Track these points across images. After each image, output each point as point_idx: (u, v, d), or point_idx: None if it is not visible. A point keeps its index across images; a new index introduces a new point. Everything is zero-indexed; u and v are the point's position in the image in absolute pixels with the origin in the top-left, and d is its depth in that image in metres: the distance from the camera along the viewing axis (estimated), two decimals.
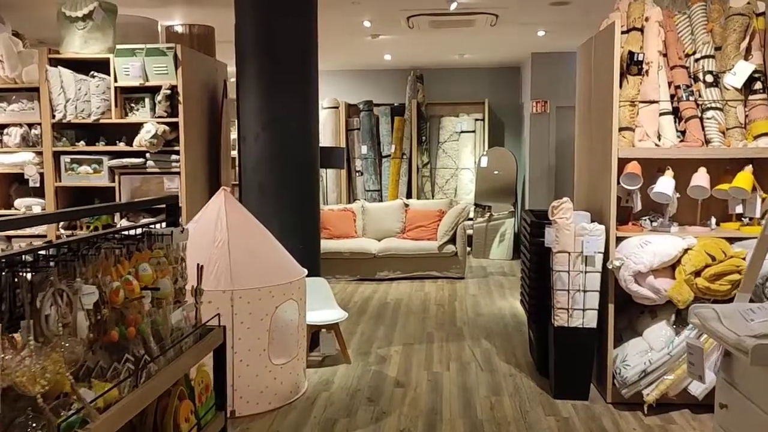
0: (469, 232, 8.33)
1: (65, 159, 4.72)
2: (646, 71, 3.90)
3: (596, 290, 3.88)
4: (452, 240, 7.61)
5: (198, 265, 2.71)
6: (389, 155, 9.31)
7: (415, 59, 8.87)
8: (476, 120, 9.30)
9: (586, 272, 3.88)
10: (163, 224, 2.75)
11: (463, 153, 9.30)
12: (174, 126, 4.64)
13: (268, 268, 3.91)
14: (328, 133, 9.35)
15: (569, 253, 3.88)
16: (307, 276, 4.45)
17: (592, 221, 3.99)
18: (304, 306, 4.21)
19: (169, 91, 4.61)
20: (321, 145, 9.59)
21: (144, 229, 2.48)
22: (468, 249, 7.99)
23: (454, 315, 6.04)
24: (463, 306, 6.38)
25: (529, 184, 8.55)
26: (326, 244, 7.63)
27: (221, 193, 4.00)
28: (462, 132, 9.27)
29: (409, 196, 9.33)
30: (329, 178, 9.41)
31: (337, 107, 9.33)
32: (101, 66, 4.70)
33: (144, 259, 2.30)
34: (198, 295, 2.61)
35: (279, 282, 3.86)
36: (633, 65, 3.87)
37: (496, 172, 8.98)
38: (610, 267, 3.79)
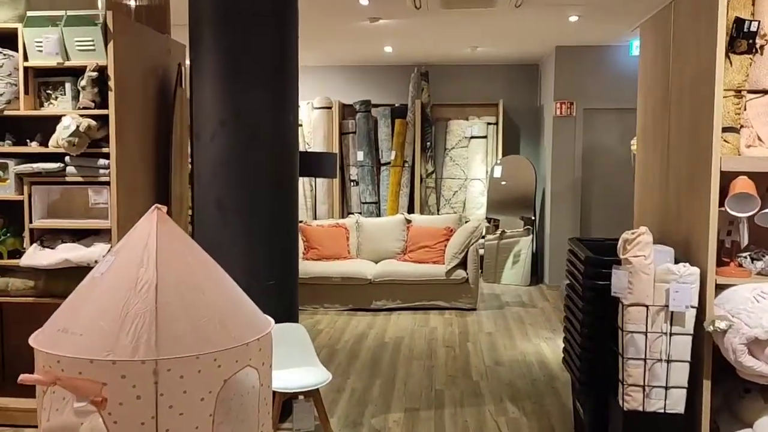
0: (481, 251, 7.13)
1: None
2: (761, 47, 2.73)
3: (686, 361, 2.71)
4: (462, 263, 6.44)
5: None
6: (389, 163, 8.14)
7: (420, 53, 7.71)
8: (489, 124, 8.14)
9: (671, 334, 2.71)
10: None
11: (474, 161, 8.13)
12: (104, 120, 3.47)
13: (214, 323, 2.71)
14: (319, 136, 8.18)
15: (648, 306, 2.70)
16: (280, 322, 3.30)
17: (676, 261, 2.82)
18: (269, 371, 3.02)
19: (95, 74, 3.44)
20: (311, 149, 8.48)
21: None
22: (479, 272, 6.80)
23: (467, 363, 4.85)
24: (478, 349, 5.19)
25: (551, 198, 7.38)
26: (313, 267, 6.46)
27: (152, 214, 2.80)
28: (472, 137, 8.11)
29: (411, 210, 8.14)
30: (319, 189, 8.23)
31: (330, 107, 8.17)
32: (6, 40, 3.53)
33: None
34: None
35: (230, 343, 2.67)
36: (741, 38, 2.70)
37: (503, 183, 7.82)
38: (710, 330, 2.61)
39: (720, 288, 2.70)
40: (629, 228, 3.01)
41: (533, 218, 7.84)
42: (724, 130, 2.68)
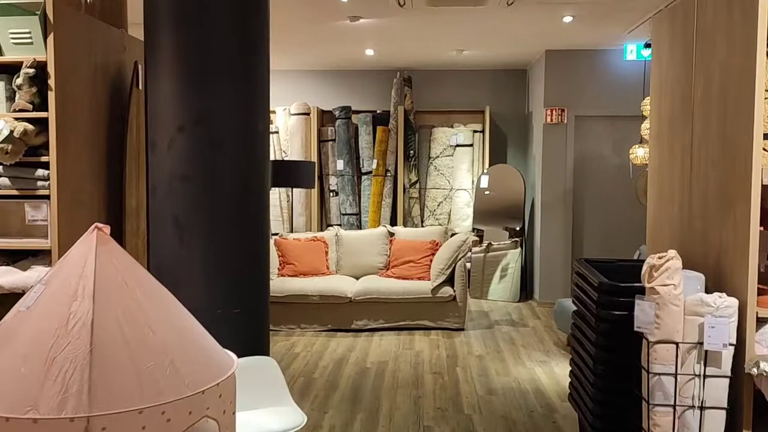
0: (467, 265, 6.73)
1: None
2: None
3: (722, 408, 2.31)
4: (449, 280, 6.02)
5: None
6: (370, 172, 7.72)
7: (403, 56, 7.31)
8: (475, 132, 7.76)
9: (705, 377, 2.31)
10: None
11: (459, 171, 7.74)
12: (44, 124, 3.01)
13: (164, 367, 2.26)
14: (296, 144, 7.73)
15: (677, 344, 2.30)
16: (248, 355, 2.87)
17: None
18: (232, 420, 2.57)
19: (32, 71, 2.97)
20: (288, 158, 8.03)
21: None
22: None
23: (457, 392, 4.42)
24: (468, 375, 4.77)
25: (541, 209, 7.00)
26: (289, 284, 6.00)
27: (91, 235, 2.35)
28: (458, 146, 7.72)
29: (393, 222, 7.73)
30: (296, 200, 7.78)
31: (307, 114, 7.73)
32: None
33: None
34: None
35: (183, 392, 2.21)
36: None
37: (490, 193, 7.44)
38: (753, 372, 2.21)
39: (761, 322, 2.31)
40: (625, 241, 2.61)
41: (522, 230, 7.46)
42: (766, 137, 2.30)
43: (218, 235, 3.13)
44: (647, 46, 5.91)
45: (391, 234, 6.64)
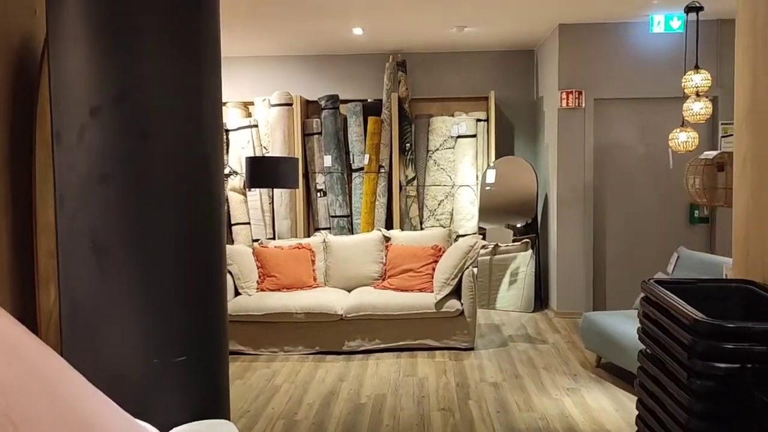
0: (474, 269, 5.88)
1: None
2: None
3: None
4: (455, 291, 5.19)
5: None
6: (362, 168, 6.87)
7: (396, 37, 6.46)
8: (478, 121, 6.91)
9: None
10: None
11: (462, 165, 6.89)
12: None
13: None
14: (278, 139, 6.88)
15: None
16: (200, 418, 2.08)
17: None
18: None
19: None
20: (269, 154, 7.17)
21: None
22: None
23: None
24: (484, 411, 3.93)
25: (557, 206, 6.16)
26: (270, 300, 5.15)
27: None
28: (459, 137, 6.87)
29: (389, 224, 6.88)
30: (279, 201, 6.92)
31: (290, 104, 6.87)
32: None
33: None
34: None
35: None
36: None
37: (493, 189, 6.61)
38: None
39: None
40: (656, 242, 1.77)
41: (529, 228, 6.62)
42: None
43: (153, 257, 2.27)
44: (691, 9, 4.99)
45: (387, 239, 5.80)
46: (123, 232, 2.25)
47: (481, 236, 6.83)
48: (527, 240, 6.60)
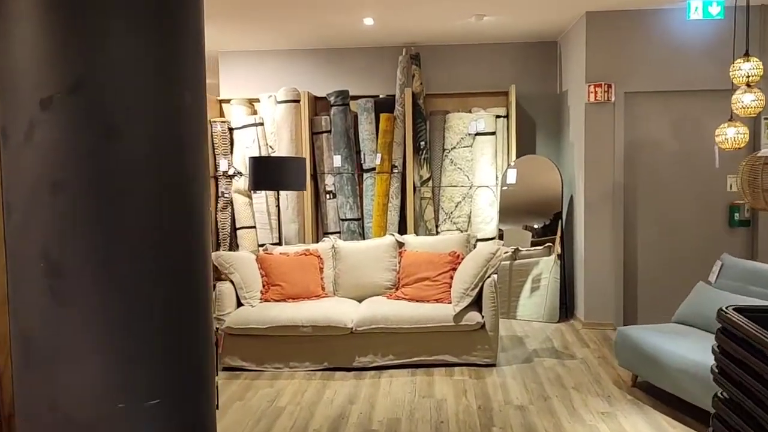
0: (494, 276, 5.44)
1: None
2: None
3: None
4: (476, 302, 4.77)
5: None
6: (373, 169, 6.45)
7: (410, 28, 6.04)
8: (497, 117, 6.47)
9: None
10: None
11: (480, 164, 6.46)
12: None
13: None
14: (284, 138, 6.48)
15: None
16: None
17: None
18: None
19: None
20: (275, 154, 6.78)
21: None
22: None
23: None
24: None
25: (584, 209, 5.71)
26: (275, 312, 4.75)
27: None
28: (477, 134, 6.44)
29: (402, 227, 6.47)
30: (287, 204, 6.52)
31: (297, 101, 6.47)
32: None
33: None
34: None
35: None
36: None
37: (513, 190, 6.17)
38: None
39: None
40: (694, 247, 1.35)
41: (553, 231, 6.17)
42: None
43: (118, 281, 1.88)
44: None
45: (401, 244, 5.38)
46: (81, 250, 1.85)
47: (500, 236, 6.43)
48: (549, 244, 6.16)
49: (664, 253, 5.64)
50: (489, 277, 4.73)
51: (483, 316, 4.69)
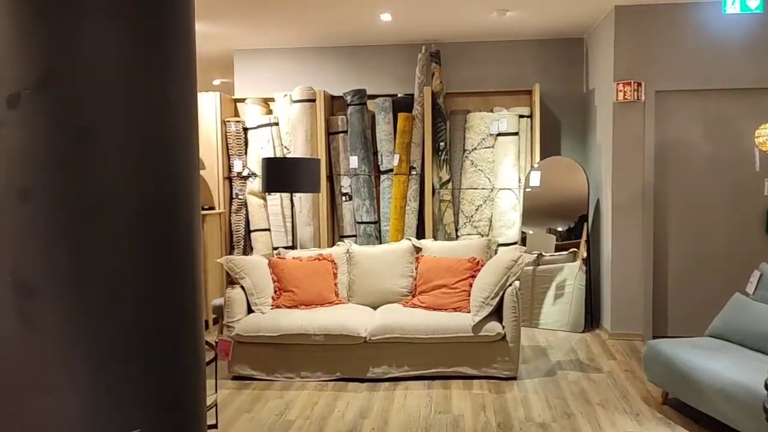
0: (516, 283, 5.19)
1: None
2: None
3: None
4: (496, 312, 4.54)
5: None
6: (391, 170, 6.25)
7: (429, 24, 5.82)
8: (520, 117, 6.23)
9: None
10: None
11: (502, 166, 6.22)
12: None
13: None
14: (300, 138, 6.30)
15: None
16: None
17: None
18: None
19: None
20: (290, 155, 6.61)
21: None
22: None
23: None
24: None
25: (612, 213, 5.44)
26: (287, 319, 4.57)
27: None
28: (499, 135, 6.19)
29: (420, 231, 6.25)
30: (302, 206, 6.34)
31: (313, 100, 6.28)
32: None
33: None
34: None
35: None
36: None
37: (528, 190, 5.91)
38: None
39: None
40: (728, 254, 1.13)
41: (578, 235, 5.91)
42: None
43: (96, 301, 1.69)
44: None
45: (418, 249, 5.17)
46: (53, 266, 1.67)
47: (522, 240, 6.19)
48: (574, 249, 5.90)
49: (696, 260, 5.35)
50: (510, 285, 4.50)
51: (503, 327, 4.45)
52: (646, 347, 4.09)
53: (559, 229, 5.99)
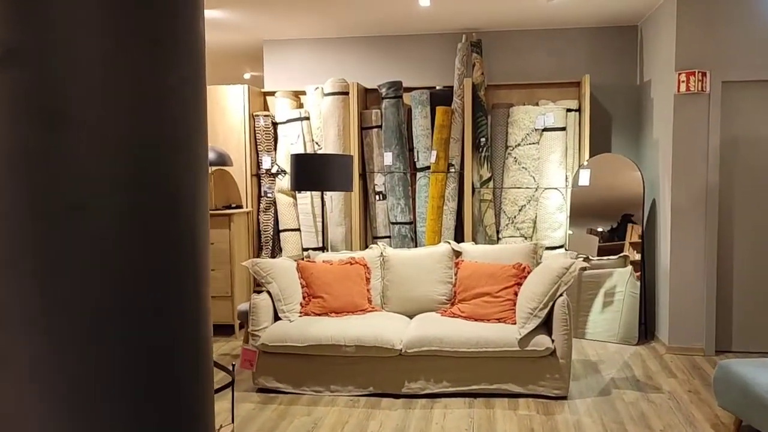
0: (563, 289, 4.75)
1: None
2: None
3: None
4: (545, 323, 4.13)
5: None
6: (428, 167, 5.86)
7: (470, 11, 5.42)
8: (568, 111, 5.78)
9: None
10: None
11: (548, 163, 5.78)
12: None
13: None
14: (331, 133, 5.96)
15: None
16: None
17: None
18: None
19: None
20: (321, 151, 6.27)
21: None
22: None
23: None
24: None
25: (671, 215, 4.97)
26: (316, 328, 4.22)
27: None
28: (545, 130, 5.76)
29: (459, 233, 5.85)
30: (334, 205, 6.00)
31: (346, 93, 5.93)
32: None
33: None
34: None
35: None
36: None
37: (575, 189, 5.46)
38: None
39: None
40: None
41: (621, 236, 5.44)
42: None
43: (73, 329, 1.36)
44: None
45: (458, 253, 4.78)
46: (20, 288, 1.33)
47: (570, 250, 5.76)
48: (626, 254, 5.43)
49: (764, 268, 4.85)
50: (561, 295, 4.08)
51: (553, 341, 4.04)
52: (717, 368, 3.63)
53: (600, 229, 5.54)
